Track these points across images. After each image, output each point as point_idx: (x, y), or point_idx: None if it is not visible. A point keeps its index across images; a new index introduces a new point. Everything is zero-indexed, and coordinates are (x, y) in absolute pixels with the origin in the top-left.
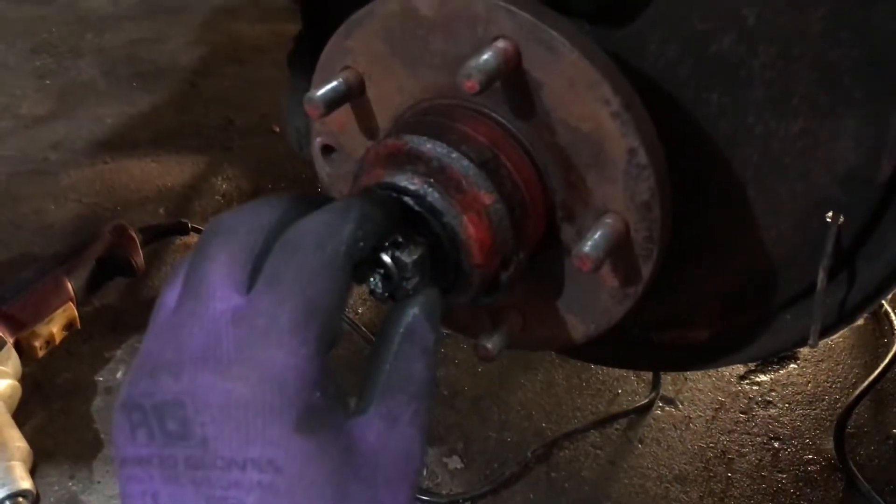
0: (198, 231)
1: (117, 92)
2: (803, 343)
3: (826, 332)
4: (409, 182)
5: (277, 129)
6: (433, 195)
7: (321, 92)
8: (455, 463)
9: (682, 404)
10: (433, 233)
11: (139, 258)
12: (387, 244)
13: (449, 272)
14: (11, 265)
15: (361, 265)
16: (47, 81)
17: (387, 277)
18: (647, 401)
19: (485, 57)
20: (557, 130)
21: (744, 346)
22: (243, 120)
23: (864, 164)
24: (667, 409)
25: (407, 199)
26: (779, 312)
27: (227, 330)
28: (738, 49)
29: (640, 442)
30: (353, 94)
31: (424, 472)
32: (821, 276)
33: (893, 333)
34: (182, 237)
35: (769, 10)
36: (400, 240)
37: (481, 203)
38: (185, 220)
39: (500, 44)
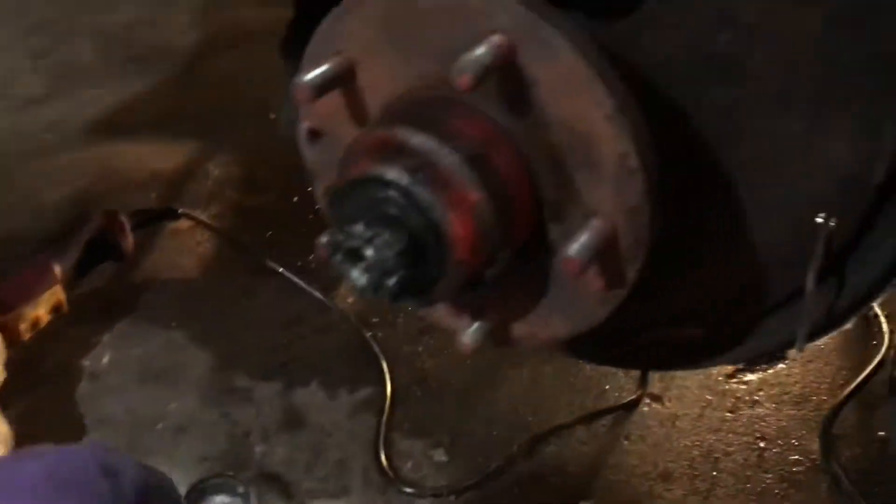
0: (188, 217)
1: (113, 74)
2: (792, 345)
3: (814, 335)
4: (397, 176)
5: (273, 116)
6: (419, 190)
7: (310, 76)
8: (440, 456)
9: (670, 402)
10: (418, 228)
11: (128, 242)
12: (368, 237)
13: (432, 267)
14: (1, 246)
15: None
16: (41, 61)
17: (368, 270)
18: (634, 397)
19: (479, 52)
20: (550, 129)
21: (733, 347)
22: (240, 106)
23: (858, 167)
24: (654, 406)
25: (392, 192)
26: (769, 314)
27: None
28: (736, 46)
29: (627, 439)
30: (343, 80)
31: (409, 465)
32: (810, 278)
33: (882, 336)
34: (172, 223)
35: (768, 7)
36: (382, 234)
37: (468, 200)
38: (174, 207)
39: (496, 39)
